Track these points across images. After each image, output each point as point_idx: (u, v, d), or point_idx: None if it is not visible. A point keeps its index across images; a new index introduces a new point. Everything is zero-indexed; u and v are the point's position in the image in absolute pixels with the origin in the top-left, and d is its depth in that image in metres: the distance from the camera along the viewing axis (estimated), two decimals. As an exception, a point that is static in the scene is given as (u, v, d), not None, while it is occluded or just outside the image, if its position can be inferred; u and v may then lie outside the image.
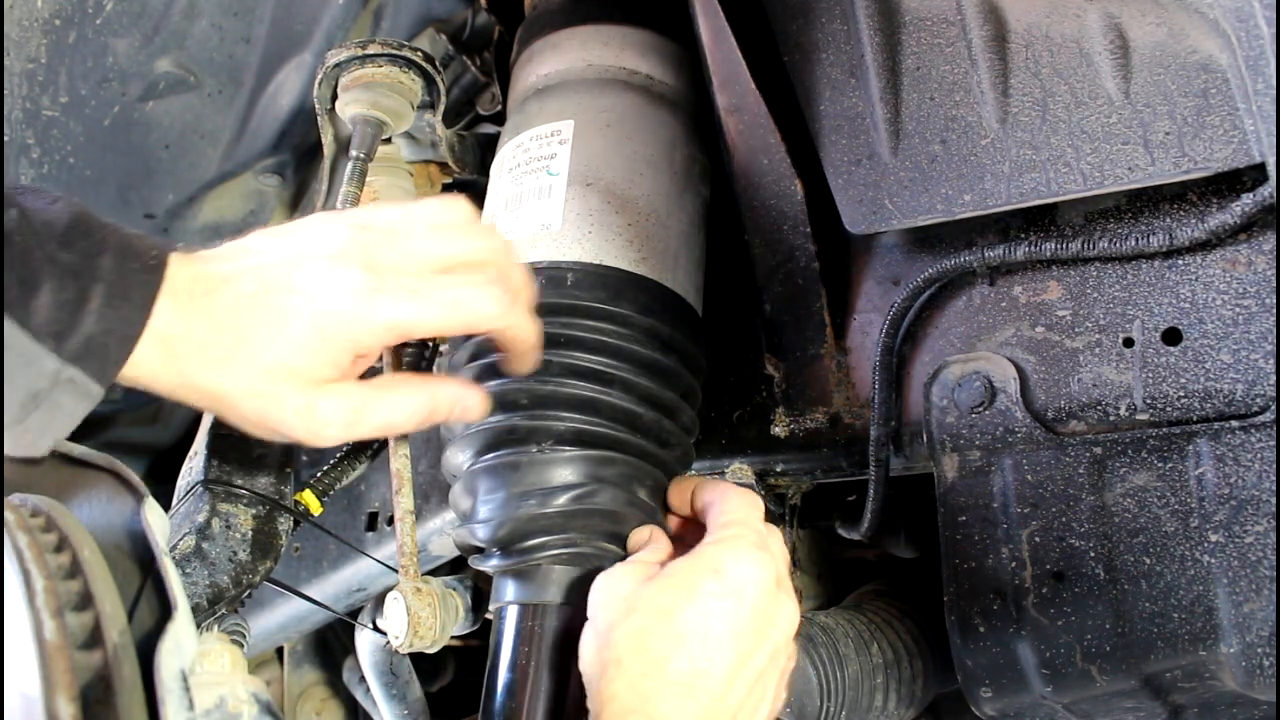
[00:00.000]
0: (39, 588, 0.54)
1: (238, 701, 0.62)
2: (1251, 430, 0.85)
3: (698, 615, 0.74)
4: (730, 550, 0.78)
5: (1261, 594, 0.84)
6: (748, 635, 0.75)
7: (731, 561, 0.77)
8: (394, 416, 0.76)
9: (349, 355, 0.73)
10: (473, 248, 0.76)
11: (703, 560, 0.78)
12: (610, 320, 0.89)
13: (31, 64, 1.18)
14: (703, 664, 0.73)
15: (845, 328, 1.05)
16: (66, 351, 0.65)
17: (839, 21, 0.92)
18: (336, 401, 0.73)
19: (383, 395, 0.75)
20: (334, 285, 0.71)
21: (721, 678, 0.73)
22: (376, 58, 1.05)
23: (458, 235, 0.76)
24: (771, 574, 0.78)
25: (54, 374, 0.65)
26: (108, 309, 0.66)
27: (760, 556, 0.78)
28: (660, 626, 0.74)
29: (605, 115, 0.99)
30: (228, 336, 0.69)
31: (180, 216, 1.35)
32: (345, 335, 0.71)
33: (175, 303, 0.68)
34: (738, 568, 0.77)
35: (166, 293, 0.67)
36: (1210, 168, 0.82)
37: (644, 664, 0.72)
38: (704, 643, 0.74)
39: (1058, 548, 0.92)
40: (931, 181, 0.90)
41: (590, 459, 0.87)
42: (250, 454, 0.97)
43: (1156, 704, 0.94)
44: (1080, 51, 0.84)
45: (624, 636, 0.74)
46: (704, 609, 0.75)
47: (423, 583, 0.95)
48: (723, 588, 0.76)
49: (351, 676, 1.70)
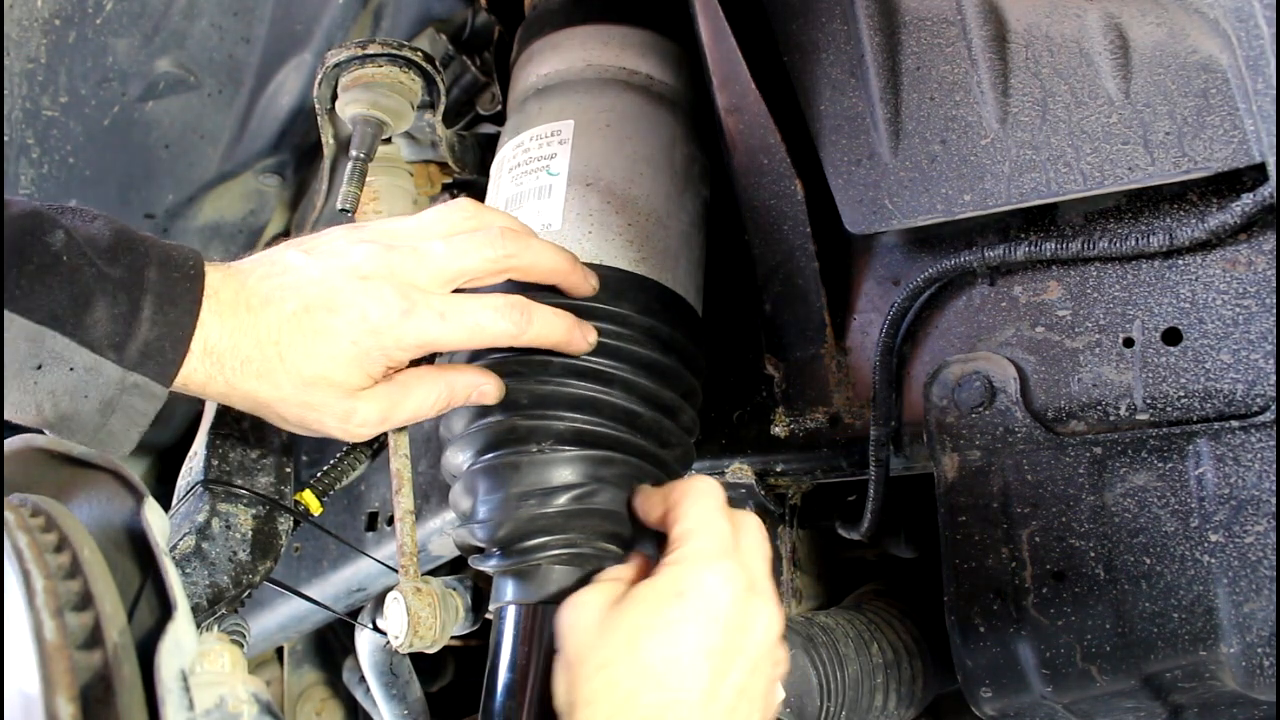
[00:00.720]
0: (39, 588, 0.54)
1: (238, 701, 0.61)
2: (1251, 430, 0.85)
3: (664, 643, 0.72)
4: (691, 568, 0.75)
5: (1261, 594, 0.84)
6: (720, 653, 0.73)
7: (693, 580, 0.74)
8: (420, 408, 0.83)
9: (382, 369, 0.81)
10: (489, 258, 0.83)
11: (663, 583, 0.75)
12: (610, 320, 0.89)
13: (31, 64, 1.18)
14: (675, 694, 0.71)
15: (845, 328, 1.05)
16: (128, 360, 0.72)
17: (839, 21, 0.92)
18: (371, 404, 0.80)
19: (408, 391, 0.82)
20: (371, 307, 0.78)
21: (697, 704, 0.71)
22: (376, 58, 1.05)
23: (473, 248, 0.82)
24: (740, 581, 0.75)
25: (120, 381, 0.73)
26: (159, 315, 0.73)
27: (724, 566, 0.75)
28: (627, 660, 0.72)
29: (605, 115, 0.99)
30: (271, 351, 0.76)
31: (180, 216, 1.35)
32: (380, 352, 0.79)
33: (221, 316, 0.75)
34: (700, 585, 0.74)
35: (211, 305, 0.75)
36: (1210, 168, 0.82)
37: (613, 703, 0.71)
38: (674, 671, 0.71)
39: (1058, 548, 0.92)
40: (931, 181, 0.90)
41: (590, 459, 0.87)
42: (250, 454, 0.97)
43: (1156, 704, 0.94)
44: (1080, 51, 0.84)
45: (592, 673, 0.72)
46: (670, 637, 0.72)
47: (423, 583, 0.95)
48: (687, 610, 0.73)
49: (351, 676, 1.70)
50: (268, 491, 0.96)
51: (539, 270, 0.85)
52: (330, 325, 0.77)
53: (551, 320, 0.85)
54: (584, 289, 0.88)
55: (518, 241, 0.84)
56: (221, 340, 0.75)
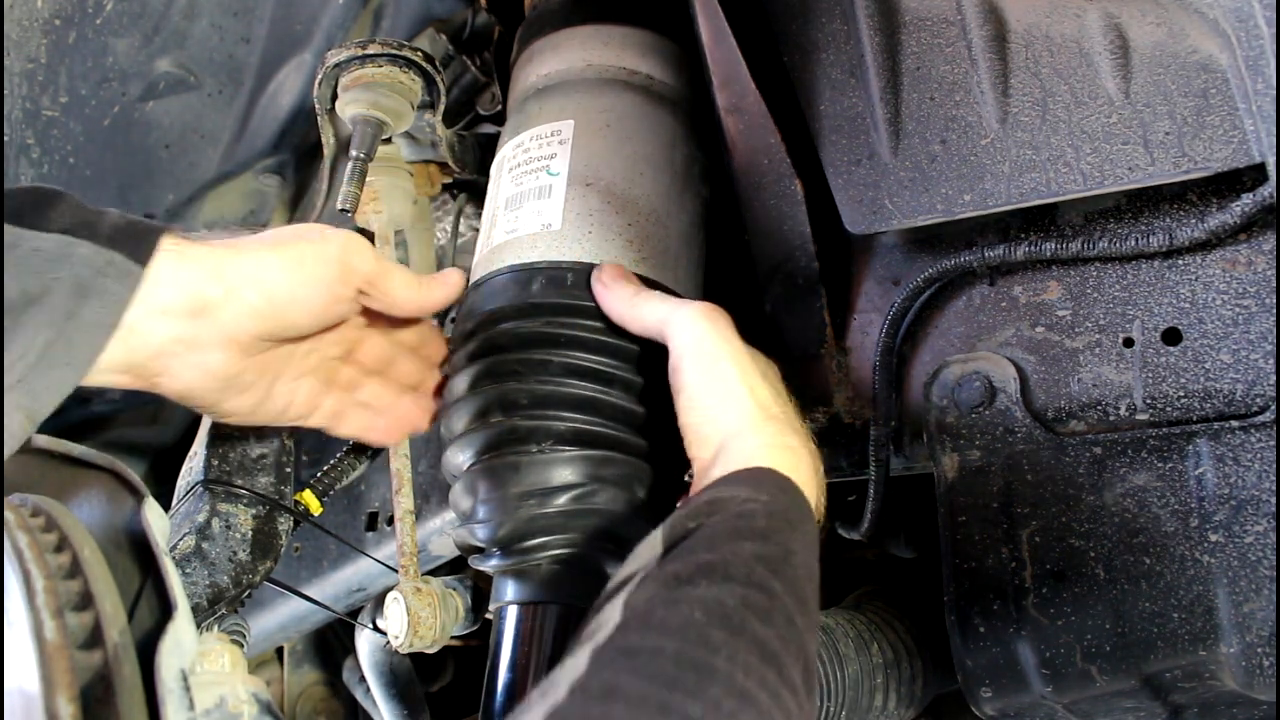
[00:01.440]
0: (39, 587, 0.54)
1: (238, 701, 0.61)
2: (1251, 430, 0.85)
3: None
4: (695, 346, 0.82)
5: (1261, 594, 0.84)
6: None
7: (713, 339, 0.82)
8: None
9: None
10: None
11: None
12: (611, 320, 0.89)
13: (31, 64, 1.18)
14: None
15: (845, 328, 1.05)
16: (101, 239, 0.68)
17: (839, 21, 0.92)
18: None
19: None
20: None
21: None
22: (376, 58, 1.05)
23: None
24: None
25: (93, 260, 0.67)
26: (121, 218, 0.70)
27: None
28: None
29: (605, 115, 0.99)
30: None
31: (180, 216, 1.35)
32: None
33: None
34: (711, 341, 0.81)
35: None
36: (1210, 168, 0.82)
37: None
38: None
39: (1058, 548, 0.92)
40: (931, 181, 0.90)
41: (590, 459, 0.87)
42: (250, 454, 0.97)
43: (1156, 704, 0.94)
44: (1080, 51, 0.84)
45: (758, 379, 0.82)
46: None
47: (423, 583, 0.95)
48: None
49: (351, 676, 1.70)
50: (268, 491, 0.96)
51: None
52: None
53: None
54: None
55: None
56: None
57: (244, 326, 0.75)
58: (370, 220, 1.20)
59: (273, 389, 0.84)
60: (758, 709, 0.55)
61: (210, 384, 0.78)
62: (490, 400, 0.88)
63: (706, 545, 0.65)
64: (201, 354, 0.75)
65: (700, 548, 0.64)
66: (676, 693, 0.52)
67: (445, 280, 0.88)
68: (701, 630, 0.57)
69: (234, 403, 0.81)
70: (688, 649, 0.55)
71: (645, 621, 0.58)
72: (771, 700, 0.56)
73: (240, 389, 0.80)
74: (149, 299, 0.70)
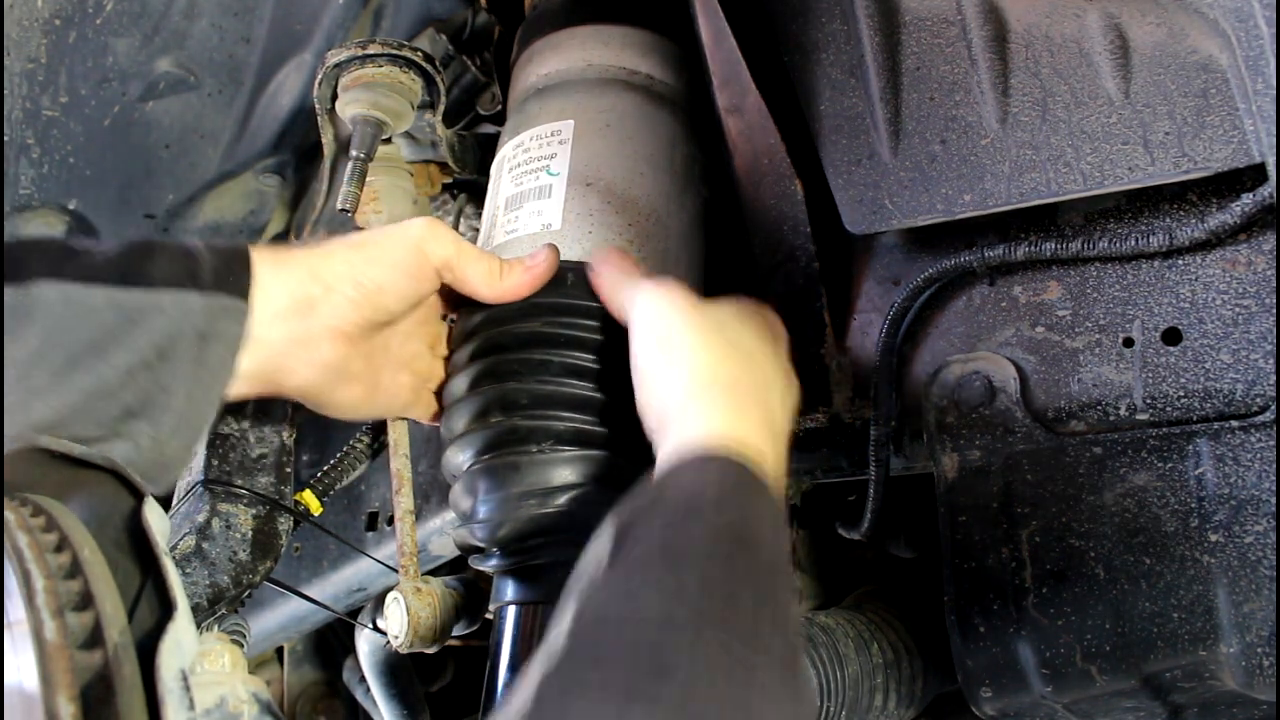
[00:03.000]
0: (39, 587, 0.54)
1: (238, 701, 0.62)
2: (1251, 430, 0.85)
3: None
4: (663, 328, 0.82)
5: (1261, 594, 0.84)
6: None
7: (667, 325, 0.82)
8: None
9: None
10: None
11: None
12: (611, 320, 0.89)
13: (31, 64, 1.17)
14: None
15: (845, 328, 1.05)
16: (205, 285, 0.75)
17: (839, 21, 0.92)
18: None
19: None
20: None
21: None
22: (376, 58, 1.05)
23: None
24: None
25: (209, 308, 0.74)
26: (214, 253, 0.76)
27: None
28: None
29: (605, 115, 0.99)
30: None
31: (180, 216, 1.35)
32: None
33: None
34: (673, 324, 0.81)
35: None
36: (1210, 168, 0.82)
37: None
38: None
39: (1058, 548, 0.92)
40: (931, 181, 0.90)
41: (590, 459, 0.87)
42: (250, 454, 0.97)
43: (1156, 704, 0.94)
44: (1080, 51, 0.84)
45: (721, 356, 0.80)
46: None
47: (423, 583, 0.95)
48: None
49: (351, 676, 1.70)
50: (268, 491, 0.96)
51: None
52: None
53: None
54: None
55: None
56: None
57: (346, 316, 0.81)
58: (370, 220, 1.20)
59: (379, 380, 0.89)
60: (720, 706, 0.55)
61: (324, 375, 0.83)
62: (490, 400, 0.88)
63: (650, 536, 0.66)
64: (314, 348, 0.81)
65: (645, 538, 0.65)
66: (635, 704, 0.52)
67: (530, 265, 0.88)
68: (655, 626, 0.57)
69: (346, 393, 0.86)
70: (641, 654, 0.55)
71: (595, 635, 0.58)
72: (741, 689, 0.56)
73: (350, 378, 0.85)
74: (263, 307, 0.77)
